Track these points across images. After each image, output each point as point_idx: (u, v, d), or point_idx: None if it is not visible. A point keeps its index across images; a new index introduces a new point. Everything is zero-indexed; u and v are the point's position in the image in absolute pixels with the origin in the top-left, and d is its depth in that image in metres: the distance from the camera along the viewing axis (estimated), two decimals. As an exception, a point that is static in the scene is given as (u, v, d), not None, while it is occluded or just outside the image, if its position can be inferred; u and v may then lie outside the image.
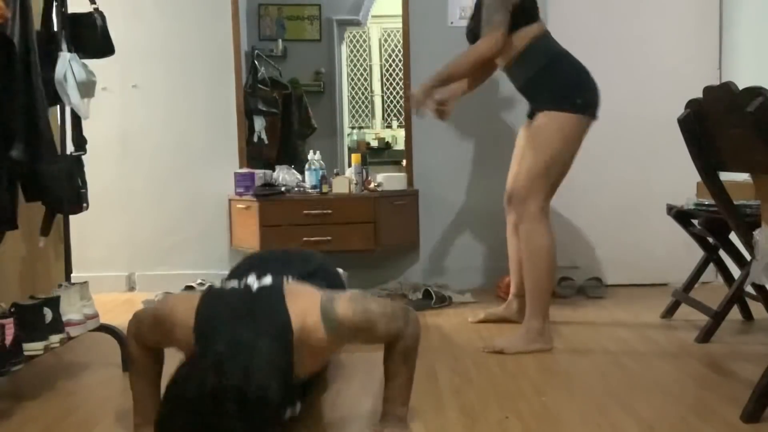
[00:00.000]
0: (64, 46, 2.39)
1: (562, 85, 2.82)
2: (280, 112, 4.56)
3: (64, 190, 2.34)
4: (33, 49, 2.15)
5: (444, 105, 3.03)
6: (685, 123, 2.30)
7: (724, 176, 2.30)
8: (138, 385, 1.89)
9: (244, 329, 1.65)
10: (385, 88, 5.41)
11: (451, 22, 3.98)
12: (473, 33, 2.96)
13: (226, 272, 3.84)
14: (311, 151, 3.92)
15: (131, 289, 4.08)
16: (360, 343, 1.90)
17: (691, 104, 2.29)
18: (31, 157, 2.13)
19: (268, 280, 1.84)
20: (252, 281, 1.84)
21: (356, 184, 3.77)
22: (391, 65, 5.38)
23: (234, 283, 1.87)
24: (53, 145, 2.31)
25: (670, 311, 3.24)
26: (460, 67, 2.91)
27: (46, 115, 2.23)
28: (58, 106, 2.52)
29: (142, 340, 1.88)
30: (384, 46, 5.43)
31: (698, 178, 2.38)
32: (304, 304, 1.75)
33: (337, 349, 1.91)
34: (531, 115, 2.92)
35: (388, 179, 3.89)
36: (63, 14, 2.42)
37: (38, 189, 2.25)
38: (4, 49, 2.05)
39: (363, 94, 5.35)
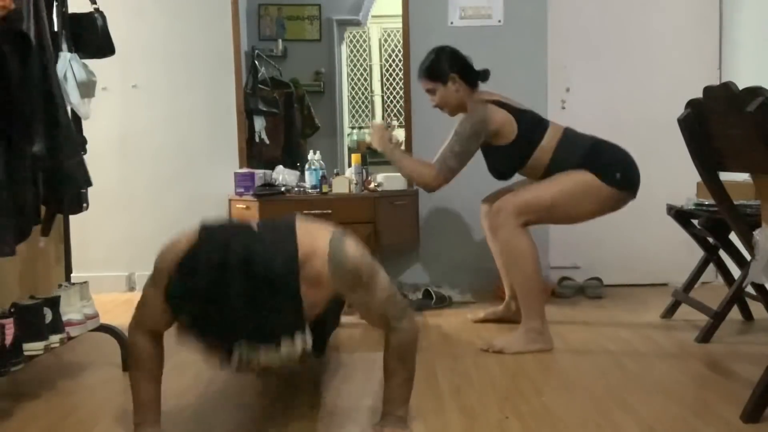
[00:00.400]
0: (64, 46, 2.39)
1: (604, 163, 2.82)
2: (281, 112, 4.56)
3: (81, 184, 2.35)
4: (47, 45, 2.17)
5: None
6: (685, 123, 2.30)
7: (724, 176, 2.30)
8: (139, 384, 1.88)
9: (250, 240, 1.62)
10: (385, 88, 5.40)
11: (451, 22, 3.99)
12: (494, 169, 3.02)
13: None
14: (311, 151, 3.91)
15: (131, 289, 4.08)
16: (355, 302, 1.87)
17: (691, 104, 2.29)
18: (52, 151, 2.14)
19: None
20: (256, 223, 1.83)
21: (356, 184, 3.77)
22: (391, 65, 5.38)
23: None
24: (74, 139, 2.32)
25: (670, 311, 3.24)
26: (401, 170, 3.07)
27: (66, 109, 2.24)
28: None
29: (144, 320, 1.84)
30: (384, 46, 5.43)
31: (698, 178, 2.38)
32: (315, 231, 1.75)
33: (335, 290, 1.78)
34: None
35: (388, 179, 3.88)
36: (63, 14, 2.42)
37: (58, 182, 2.24)
38: (20, 45, 2.05)
39: (363, 94, 5.35)
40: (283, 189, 3.76)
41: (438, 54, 2.99)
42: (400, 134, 4.91)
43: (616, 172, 2.80)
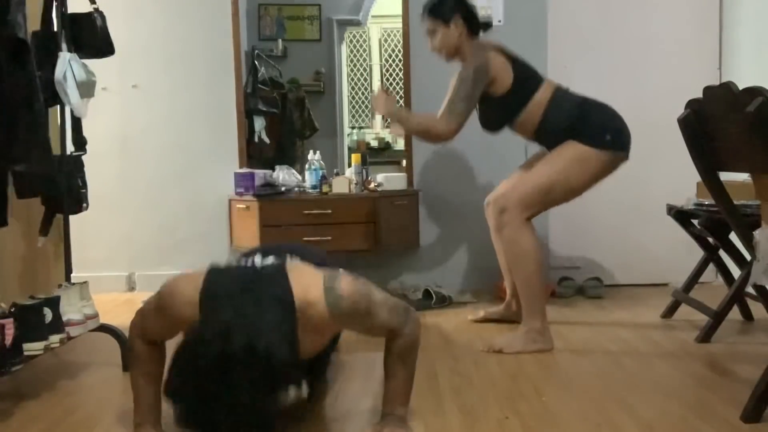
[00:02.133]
0: (64, 46, 2.39)
1: (593, 126, 2.80)
2: (280, 112, 4.57)
3: (59, 190, 2.34)
4: (32, 50, 2.16)
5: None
6: (685, 123, 2.30)
7: (724, 176, 2.30)
8: (139, 385, 1.89)
9: (249, 301, 1.66)
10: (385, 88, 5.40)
11: (451, 22, 3.98)
12: (485, 119, 2.98)
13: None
14: (311, 151, 3.92)
15: (131, 289, 4.08)
16: (360, 330, 1.89)
17: (691, 104, 2.29)
18: (25, 157, 2.13)
19: (270, 259, 1.86)
20: (258, 260, 1.86)
21: (356, 184, 3.77)
22: (391, 65, 5.38)
23: (239, 262, 1.91)
24: (48, 148, 2.30)
25: (670, 311, 3.24)
26: (411, 128, 3.00)
27: (44, 116, 2.23)
28: (58, 106, 2.52)
29: (146, 333, 1.87)
30: (384, 46, 5.44)
31: (698, 178, 2.38)
32: (307, 279, 1.77)
33: (337, 328, 1.91)
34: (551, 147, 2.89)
35: (388, 179, 3.89)
36: (63, 14, 2.42)
37: (30, 187, 2.24)
38: (15, 51, 2.05)
39: (363, 94, 5.35)
40: (283, 189, 3.76)
41: None
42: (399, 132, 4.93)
43: (605, 134, 2.77)
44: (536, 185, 2.78)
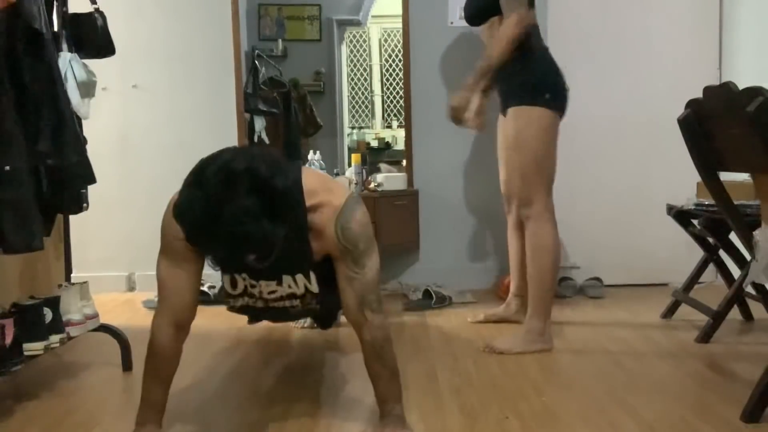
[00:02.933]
0: (64, 46, 2.39)
1: (532, 82, 2.79)
2: (281, 112, 4.56)
3: (86, 182, 2.36)
4: (52, 44, 2.17)
5: (480, 116, 3.04)
6: (685, 123, 2.30)
7: (724, 176, 2.30)
8: (148, 382, 1.85)
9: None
10: (385, 88, 5.40)
11: (451, 22, 3.98)
12: (470, 11, 2.98)
13: (226, 272, 3.82)
14: (311, 151, 3.92)
15: (131, 289, 4.08)
16: (342, 276, 1.83)
17: (691, 104, 2.29)
18: (58, 149, 2.14)
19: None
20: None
21: (356, 184, 3.77)
22: (391, 65, 5.38)
23: None
24: (78, 137, 2.32)
25: (670, 311, 3.24)
26: (498, 55, 2.79)
27: (70, 108, 2.24)
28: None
29: (167, 306, 1.82)
30: (384, 46, 5.43)
31: (698, 178, 2.38)
32: (334, 185, 1.88)
33: (331, 250, 1.83)
34: (504, 111, 2.90)
35: (388, 179, 3.89)
36: (63, 14, 2.42)
37: (63, 180, 2.25)
38: (33, 42, 2.06)
39: (363, 94, 5.35)
40: (283, 189, 3.75)
41: None
42: (399, 134, 4.94)
43: (545, 93, 2.76)
44: (526, 173, 2.78)
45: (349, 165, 4.16)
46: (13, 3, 1.98)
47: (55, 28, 2.41)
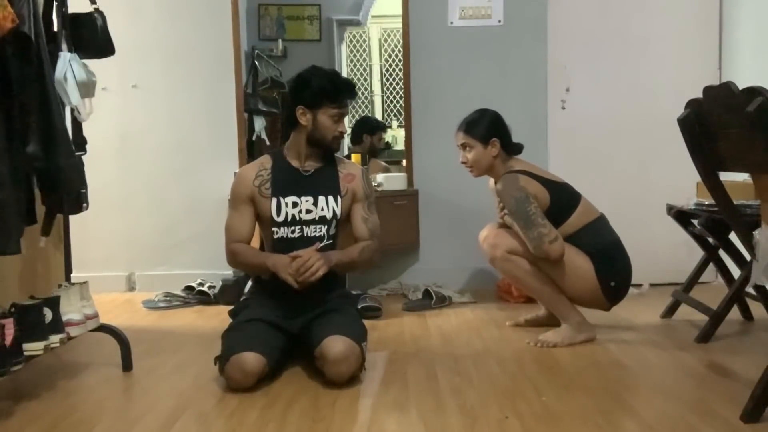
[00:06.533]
0: (64, 46, 2.39)
1: (611, 266, 2.84)
2: (281, 112, 4.56)
3: (77, 185, 2.35)
4: (43, 46, 2.16)
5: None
6: (685, 123, 2.30)
7: (724, 176, 2.30)
8: (249, 255, 2.53)
9: None
10: (385, 88, 5.41)
11: (451, 22, 3.99)
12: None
13: (227, 272, 3.84)
14: (311, 151, 3.91)
15: (131, 289, 4.09)
16: (356, 215, 2.63)
17: (691, 104, 2.29)
18: (46, 152, 2.13)
19: None
20: None
21: (356, 184, 3.77)
22: (391, 65, 5.38)
23: None
24: (68, 140, 2.31)
25: (670, 311, 3.24)
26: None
27: (60, 111, 2.23)
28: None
29: (233, 236, 2.54)
30: (384, 46, 5.44)
31: (698, 178, 2.38)
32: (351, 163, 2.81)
33: (354, 194, 2.64)
34: None
35: (388, 179, 3.89)
36: (63, 14, 2.42)
37: (53, 183, 2.24)
38: (20, 45, 2.05)
39: (363, 94, 5.35)
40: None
41: (483, 114, 2.95)
42: (400, 134, 4.94)
43: (612, 281, 2.82)
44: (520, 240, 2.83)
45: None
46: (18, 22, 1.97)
47: (55, 28, 2.41)
